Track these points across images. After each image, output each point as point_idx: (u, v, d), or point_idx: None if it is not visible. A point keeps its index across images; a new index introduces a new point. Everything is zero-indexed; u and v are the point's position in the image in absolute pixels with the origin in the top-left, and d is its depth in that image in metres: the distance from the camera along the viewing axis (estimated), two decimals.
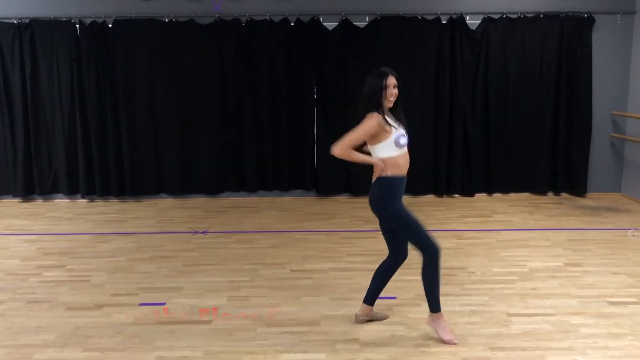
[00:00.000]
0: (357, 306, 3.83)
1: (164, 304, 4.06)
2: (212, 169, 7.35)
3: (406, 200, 3.47)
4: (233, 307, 4.00)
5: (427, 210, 6.64)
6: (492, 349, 3.36)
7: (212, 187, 7.41)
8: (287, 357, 3.30)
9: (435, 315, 3.50)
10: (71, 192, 7.32)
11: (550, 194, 7.39)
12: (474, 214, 6.53)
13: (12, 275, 4.66)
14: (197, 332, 3.63)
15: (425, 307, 3.94)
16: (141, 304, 4.05)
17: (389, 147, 3.41)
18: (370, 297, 3.72)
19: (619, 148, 7.36)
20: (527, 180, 7.34)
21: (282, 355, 3.32)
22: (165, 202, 7.25)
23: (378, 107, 3.40)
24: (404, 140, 3.43)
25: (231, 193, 7.47)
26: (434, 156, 7.27)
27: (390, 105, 3.45)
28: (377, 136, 3.39)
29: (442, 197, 7.33)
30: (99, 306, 4.04)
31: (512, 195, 7.36)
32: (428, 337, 3.51)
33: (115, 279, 4.56)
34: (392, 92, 3.41)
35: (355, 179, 7.22)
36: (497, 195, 7.38)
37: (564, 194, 7.36)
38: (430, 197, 7.31)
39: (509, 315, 3.82)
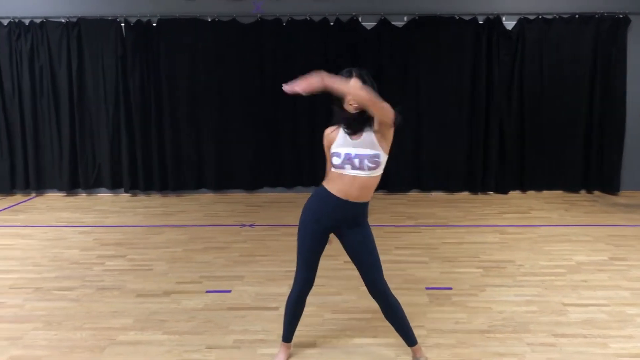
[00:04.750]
0: (414, 296, 3.97)
1: (229, 291, 4.23)
2: (251, 165, 7.52)
3: (441, 197, 3.40)
4: None
5: (465, 207, 6.78)
6: (555, 335, 3.50)
7: (251, 182, 7.58)
8: (359, 342, 3.46)
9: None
10: (114, 186, 7.53)
11: (582, 191, 7.50)
12: (512, 210, 6.66)
13: (76, 264, 4.85)
14: (267, 317, 3.80)
15: (482, 296, 4.12)
16: (208, 291, 4.23)
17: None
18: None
19: None
20: (560, 178, 7.47)
21: (353, 340, 3.48)
22: (207, 197, 7.44)
23: (339, 118, 2.93)
24: (335, 160, 2.87)
25: (269, 188, 7.65)
26: (469, 154, 7.41)
27: (352, 110, 2.88)
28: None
29: (477, 194, 7.46)
30: (167, 293, 4.21)
31: (546, 192, 7.48)
32: (491, 325, 3.66)
33: (177, 268, 4.74)
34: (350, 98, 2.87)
35: (391, 176, 7.34)
36: (531, 192, 7.50)
37: (596, 192, 7.47)
38: (465, 194, 7.44)
39: (565, 305, 3.95)
